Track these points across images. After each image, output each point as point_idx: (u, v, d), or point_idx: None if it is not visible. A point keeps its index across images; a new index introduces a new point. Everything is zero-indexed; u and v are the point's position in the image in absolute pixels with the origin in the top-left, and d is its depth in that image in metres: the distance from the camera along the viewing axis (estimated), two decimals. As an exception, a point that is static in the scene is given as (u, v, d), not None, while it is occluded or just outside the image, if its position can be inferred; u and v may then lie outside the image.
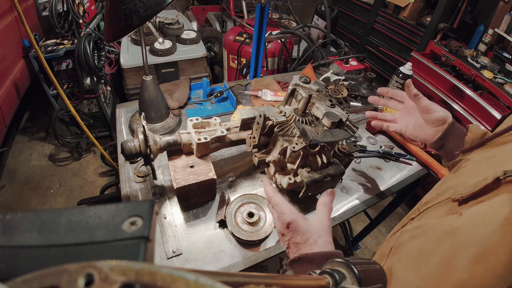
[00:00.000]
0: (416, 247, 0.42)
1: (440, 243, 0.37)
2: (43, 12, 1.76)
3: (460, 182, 0.44)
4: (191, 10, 3.28)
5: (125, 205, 0.21)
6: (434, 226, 0.41)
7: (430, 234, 0.41)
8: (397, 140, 1.13)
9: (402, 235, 0.48)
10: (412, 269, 0.39)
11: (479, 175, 0.38)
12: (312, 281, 0.29)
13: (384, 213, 1.51)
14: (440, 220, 0.41)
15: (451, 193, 0.42)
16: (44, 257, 0.18)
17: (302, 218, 0.53)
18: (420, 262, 0.38)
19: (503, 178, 0.34)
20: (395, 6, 2.68)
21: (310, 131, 0.69)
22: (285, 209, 0.54)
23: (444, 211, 0.42)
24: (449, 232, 0.37)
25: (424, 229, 0.43)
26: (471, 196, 0.38)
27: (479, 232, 0.32)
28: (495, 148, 0.45)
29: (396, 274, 0.41)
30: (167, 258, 0.71)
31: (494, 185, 0.35)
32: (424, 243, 0.41)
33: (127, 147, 0.70)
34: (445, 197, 0.43)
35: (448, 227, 0.38)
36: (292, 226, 0.51)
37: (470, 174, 0.45)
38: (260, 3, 1.30)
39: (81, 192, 2.10)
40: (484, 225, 0.33)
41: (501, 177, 0.34)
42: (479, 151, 0.49)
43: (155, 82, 1.00)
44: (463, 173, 0.48)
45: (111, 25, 0.73)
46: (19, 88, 1.96)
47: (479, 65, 1.94)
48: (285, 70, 2.25)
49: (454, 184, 0.45)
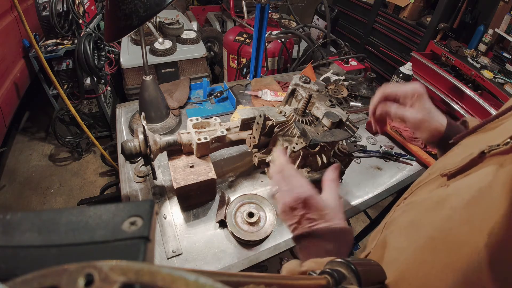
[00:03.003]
0: (407, 219, 0.43)
1: (429, 212, 0.38)
2: (43, 12, 1.76)
3: (449, 161, 0.45)
4: (191, 10, 3.28)
5: (125, 205, 0.21)
6: (424, 199, 0.43)
7: (420, 206, 0.42)
8: (397, 140, 1.13)
9: (395, 212, 0.49)
10: (404, 237, 0.40)
11: (467, 153, 0.39)
12: (312, 281, 0.29)
13: (384, 213, 1.51)
14: (430, 194, 0.42)
15: (440, 170, 0.44)
16: (44, 257, 0.18)
17: (317, 193, 0.50)
18: (411, 231, 0.40)
19: (488, 152, 0.35)
20: (395, 6, 2.68)
21: (310, 131, 0.69)
22: (302, 183, 0.50)
23: (434, 186, 0.43)
24: (437, 202, 0.38)
25: (415, 203, 0.44)
26: (458, 170, 0.39)
27: (465, 198, 0.33)
28: (485, 133, 0.46)
29: (389, 243, 0.42)
30: (167, 258, 0.71)
31: (480, 159, 0.36)
32: (414, 214, 0.42)
33: (127, 147, 0.70)
34: (435, 175, 0.45)
35: (436, 197, 0.39)
36: (308, 202, 0.48)
37: (459, 154, 0.46)
38: (260, 3, 1.30)
39: (81, 192, 2.10)
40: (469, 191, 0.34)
41: (486, 150, 0.35)
42: (470, 137, 0.50)
43: (155, 82, 1.00)
44: (453, 154, 0.49)
45: (111, 25, 0.73)
46: (19, 88, 1.96)
47: (479, 65, 1.95)
48: (285, 70, 2.25)
49: (444, 163, 0.46)
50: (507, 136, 0.34)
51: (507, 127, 0.40)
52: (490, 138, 0.41)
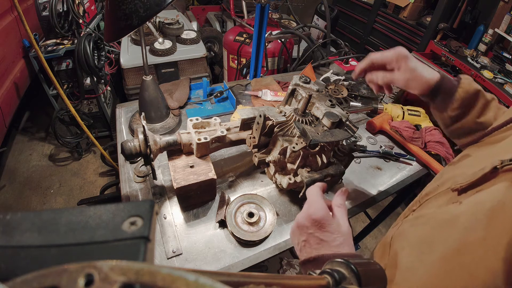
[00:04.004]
0: (418, 235, 0.42)
1: (441, 230, 0.37)
2: (43, 12, 1.76)
3: (459, 173, 0.45)
4: (191, 10, 3.28)
5: (125, 205, 0.21)
6: (435, 214, 0.42)
7: (431, 222, 0.41)
8: (397, 140, 1.13)
9: (403, 225, 0.48)
10: (416, 256, 0.40)
11: (477, 166, 0.39)
12: (312, 281, 0.29)
13: (384, 213, 1.51)
14: (440, 209, 0.42)
15: (450, 183, 0.43)
16: (44, 257, 0.18)
17: (331, 218, 0.49)
18: (424, 249, 0.39)
19: (501, 167, 0.35)
20: (395, 6, 2.68)
21: (310, 131, 0.69)
22: (319, 204, 0.49)
23: (444, 200, 0.43)
24: (449, 220, 0.37)
25: (425, 218, 0.43)
26: (470, 185, 0.38)
27: (479, 218, 0.33)
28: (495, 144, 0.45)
29: (401, 262, 0.41)
30: (167, 258, 0.71)
31: (492, 174, 0.36)
32: (425, 230, 0.41)
33: (127, 147, 0.70)
34: (445, 188, 0.44)
35: (448, 215, 0.38)
36: (320, 222, 0.47)
37: (468, 165, 0.46)
38: (260, 3, 1.30)
39: (81, 192, 2.10)
40: (482, 209, 0.33)
41: (499, 166, 0.35)
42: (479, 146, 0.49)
43: (155, 82, 1.00)
44: (462, 165, 0.48)
45: (111, 25, 0.73)
46: (19, 88, 1.96)
47: (479, 65, 1.95)
48: (285, 70, 2.25)
49: (453, 175, 0.46)
50: None
51: None
52: (501, 150, 0.41)
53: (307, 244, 0.47)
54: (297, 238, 0.49)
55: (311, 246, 0.46)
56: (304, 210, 0.50)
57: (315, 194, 0.51)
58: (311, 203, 0.49)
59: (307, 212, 0.48)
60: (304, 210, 0.49)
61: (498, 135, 0.45)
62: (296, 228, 0.50)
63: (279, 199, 0.88)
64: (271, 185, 0.91)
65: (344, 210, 0.50)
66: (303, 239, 0.47)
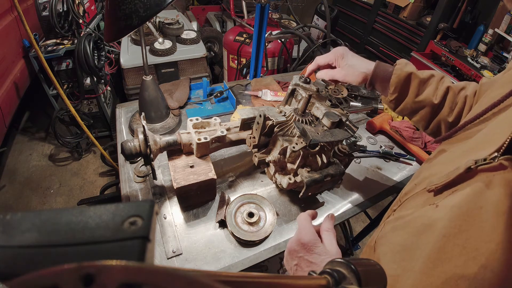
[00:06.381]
0: (398, 241, 0.42)
1: (420, 236, 0.38)
2: (43, 12, 1.76)
3: (434, 171, 0.45)
4: (191, 10, 3.28)
5: (125, 205, 0.21)
6: (413, 218, 0.42)
7: (410, 227, 0.42)
8: (397, 140, 1.13)
9: (385, 226, 0.49)
10: (398, 263, 0.40)
11: (452, 164, 0.39)
12: (312, 281, 0.29)
13: (384, 213, 1.51)
14: (418, 212, 0.42)
15: (426, 183, 0.43)
16: (44, 257, 0.18)
17: (319, 241, 0.52)
18: (404, 256, 0.39)
19: (475, 168, 0.35)
20: (395, 6, 2.68)
21: (310, 131, 0.69)
22: (307, 228, 0.52)
23: (421, 201, 0.43)
24: (427, 225, 0.38)
25: (404, 220, 0.44)
26: (445, 186, 0.39)
27: (457, 224, 0.33)
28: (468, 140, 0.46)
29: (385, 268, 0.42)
30: (167, 258, 0.71)
31: (467, 174, 0.36)
32: (405, 236, 0.42)
33: (127, 147, 0.70)
34: (421, 188, 0.45)
35: (426, 219, 0.39)
36: (308, 245, 0.49)
37: (443, 162, 0.46)
38: (260, 3, 1.30)
39: (81, 192, 2.10)
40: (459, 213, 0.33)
41: (473, 166, 0.35)
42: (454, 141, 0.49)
43: (155, 82, 1.00)
44: (438, 162, 0.49)
45: (111, 25, 0.73)
46: (19, 88, 1.96)
47: (479, 65, 1.95)
48: (285, 70, 2.25)
49: (429, 174, 0.46)
50: (493, 147, 0.34)
51: (491, 133, 0.40)
52: (475, 145, 0.41)
53: (298, 268, 0.49)
54: (289, 263, 0.51)
55: (303, 269, 0.48)
56: (294, 236, 0.53)
57: (304, 220, 0.54)
58: (301, 229, 0.52)
59: (297, 237, 0.51)
60: (294, 236, 0.52)
61: (472, 128, 0.45)
62: (287, 253, 0.52)
63: (279, 199, 0.88)
64: (271, 185, 0.91)
65: (332, 234, 0.53)
66: (294, 263, 0.50)
